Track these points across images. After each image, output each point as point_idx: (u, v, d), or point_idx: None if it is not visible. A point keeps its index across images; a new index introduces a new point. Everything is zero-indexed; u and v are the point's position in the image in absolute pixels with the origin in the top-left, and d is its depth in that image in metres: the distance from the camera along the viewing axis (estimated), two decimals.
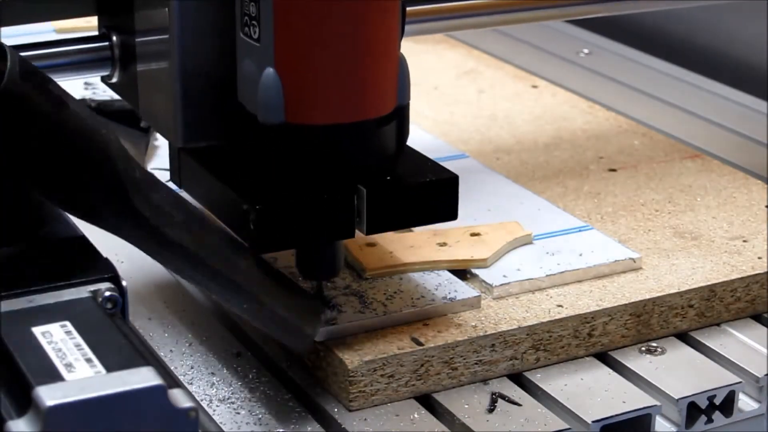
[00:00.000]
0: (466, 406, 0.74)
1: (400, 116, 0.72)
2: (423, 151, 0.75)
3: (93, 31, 0.80)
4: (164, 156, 0.94)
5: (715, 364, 0.79)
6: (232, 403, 0.74)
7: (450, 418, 0.73)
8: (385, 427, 0.72)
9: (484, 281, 0.80)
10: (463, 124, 1.08)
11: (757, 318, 0.84)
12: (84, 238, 0.68)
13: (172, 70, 0.72)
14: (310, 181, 0.70)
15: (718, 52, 1.37)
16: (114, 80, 0.79)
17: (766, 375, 0.78)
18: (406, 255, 0.82)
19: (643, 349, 0.80)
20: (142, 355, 0.58)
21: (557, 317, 0.78)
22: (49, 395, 0.53)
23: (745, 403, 0.78)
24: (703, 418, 0.76)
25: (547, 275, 0.81)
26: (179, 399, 0.55)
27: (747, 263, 0.85)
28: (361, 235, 0.71)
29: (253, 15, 0.68)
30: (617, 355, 0.79)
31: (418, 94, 1.14)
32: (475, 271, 0.82)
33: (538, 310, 0.78)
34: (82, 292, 0.62)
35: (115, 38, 0.78)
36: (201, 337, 0.80)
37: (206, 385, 0.75)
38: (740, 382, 0.77)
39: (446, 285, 0.80)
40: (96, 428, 0.53)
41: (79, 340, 0.58)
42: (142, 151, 0.99)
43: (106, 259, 0.65)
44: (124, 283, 0.63)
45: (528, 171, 0.99)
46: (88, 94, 1.07)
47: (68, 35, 0.81)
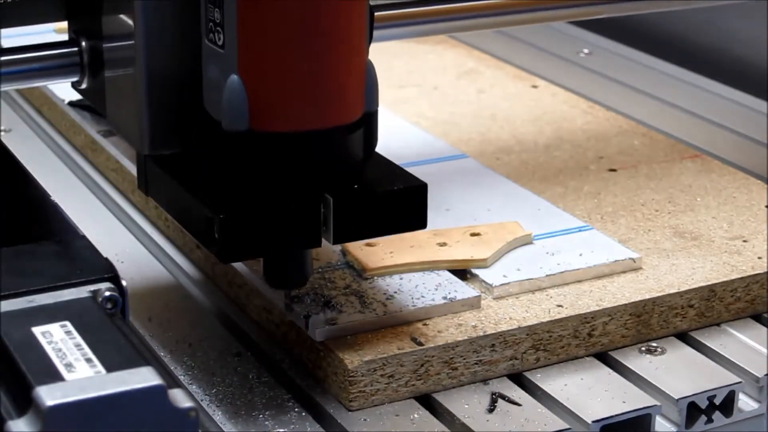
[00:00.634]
0: (466, 406, 0.74)
1: (368, 123, 0.71)
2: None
3: None
4: None
5: (715, 364, 0.79)
6: (232, 403, 0.74)
7: (450, 418, 0.73)
8: (385, 427, 0.72)
9: (484, 281, 0.80)
10: (463, 124, 1.08)
11: (757, 318, 0.84)
12: (84, 238, 0.68)
13: (138, 77, 0.72)
14: (276, 189, 0.69)
15: (718, 52, 1.37)
16: (83, 86, 0.78)
17: (766, 375, 0.78)
18: (406, 255, 0.82)
19: (643, 349, 0.80)
20: (142, 355, 0.57)
21: (557, 317, 0.78)
22: (49, 395, 0.53)
23: (745, 403, 0.78)
24: (703, 418, 0.76)
25: (547, 275, 0.81)
26: (179, 399, 0.55)
27: (747, 263, 0.85)
28: None
29: (218, 21, 0.68)
30: (617, 355, 0.79)
31: (419, 94, 1.14)
32: (475, 271, 0.82)
33: (538, 310, 0.78)
34: (82, 292, 0.62)
35: (84, 43, 0.77)
36: (201, 337, 0.80)
37: (206, 385, 0.75)
38: (740, 382, 0.77)
39: (446, 285, 0.80)
40: (96, 428, 0.53)
41: (79, 340, 0.58)
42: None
43: (106, 259, 0.65)
44: (124, 283, 0.63)
45: (528, 171, 0.99)
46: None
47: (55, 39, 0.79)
